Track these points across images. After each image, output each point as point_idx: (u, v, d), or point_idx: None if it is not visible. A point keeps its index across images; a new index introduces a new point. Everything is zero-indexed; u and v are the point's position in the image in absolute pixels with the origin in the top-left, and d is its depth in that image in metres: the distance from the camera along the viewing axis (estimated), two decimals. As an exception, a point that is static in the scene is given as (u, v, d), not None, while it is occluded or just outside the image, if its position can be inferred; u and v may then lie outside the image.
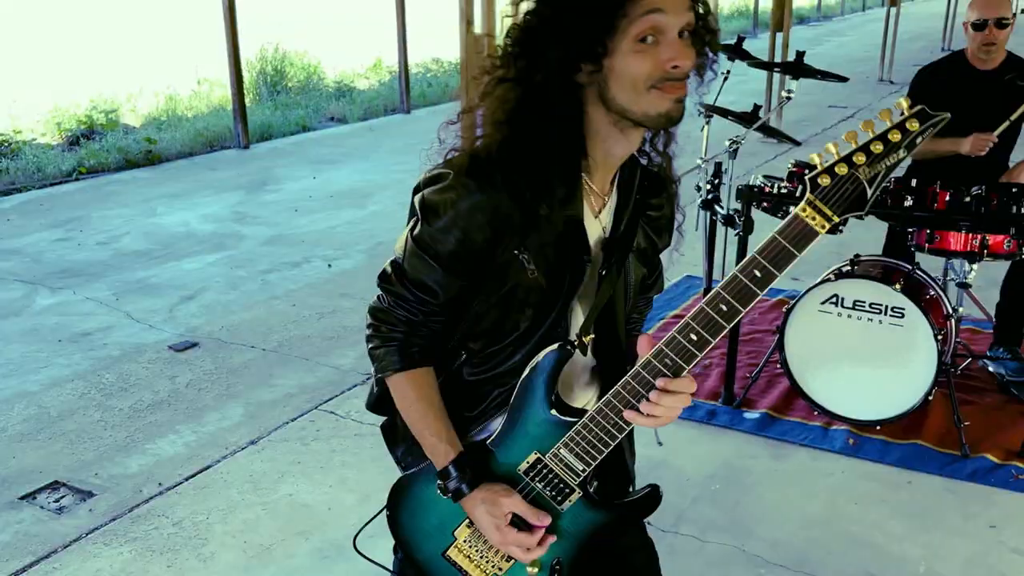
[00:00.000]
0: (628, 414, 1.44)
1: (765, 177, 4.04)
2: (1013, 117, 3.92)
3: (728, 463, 3.55)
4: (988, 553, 3.02)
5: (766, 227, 5.46)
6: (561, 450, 1.51)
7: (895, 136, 1.25)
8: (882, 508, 3.27)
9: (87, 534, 3.16)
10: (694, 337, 1.38)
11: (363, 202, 7.33)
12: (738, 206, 3.92)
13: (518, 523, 1.54)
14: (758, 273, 1.33)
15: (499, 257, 1.48)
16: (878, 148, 1.25)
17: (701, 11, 1.41)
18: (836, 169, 1.27)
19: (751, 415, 3.86)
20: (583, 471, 1.51)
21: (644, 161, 1.62)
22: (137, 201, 7.42)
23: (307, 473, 3.50)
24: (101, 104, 10.30)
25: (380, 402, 1.67)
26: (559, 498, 1.54)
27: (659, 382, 1.41)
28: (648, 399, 1.42)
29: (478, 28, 5.54)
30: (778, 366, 3.89)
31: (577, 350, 1.54)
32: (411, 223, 1.53)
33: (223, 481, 3.47)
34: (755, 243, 4.61)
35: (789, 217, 1.31)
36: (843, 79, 4.13)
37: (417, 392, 1.58)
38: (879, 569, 2.94)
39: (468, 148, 1.50)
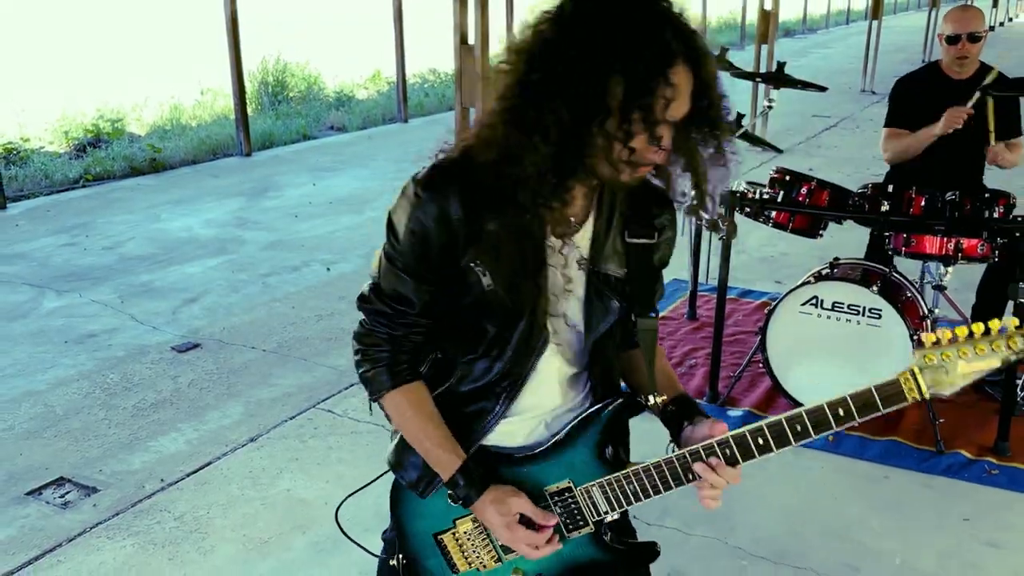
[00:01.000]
0: (701, 484, 1.51)
1: (748, 183, 4.06)
2: (987, 82, 3.89)
3: (712, 459, 3.56)
4: (962, 545, 3.04)
5: (750, 232, 5.47)
6: (594, 488, 1.56)
7: (998, 347, 1.37)
8: (860, 502, 3.29)
9: (91, 528, 3.17)
10: (760, 442, 1.48)
11: (361, 208, 7.34)
12: (722, 211, 3.94)
13: (524, 523, 1.57)
14: (841, 412, 1.45)
15: (460, 263, 1.48)
16: (982, 350, 1.37)
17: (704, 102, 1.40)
18: (944, 355, 1.39)
19: (735, 413, 3.88)
20: (605, 512, 1.56)
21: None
22: (142, 207, 7.42)
23: (305, 469, 3.51)
24: (107, 113, 10.30)
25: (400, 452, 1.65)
26: (571, 526, 1.58)
27: (718, 468, 1.49)
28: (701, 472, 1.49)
29: (471, 40, 5.57)
30: (760, 366, 3.92)
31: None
32: (384, 241, 1.55)
33: (223, 477, 3.48)
34: (738, 247, 4.58)
35: (890, 379, 1.42)
36: (822, 88, 4.16)
37: (413, 406, 1.59)
38: (857, 561, 2.96)
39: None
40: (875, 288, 3.58)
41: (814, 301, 3.68)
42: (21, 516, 3.24)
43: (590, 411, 1.59)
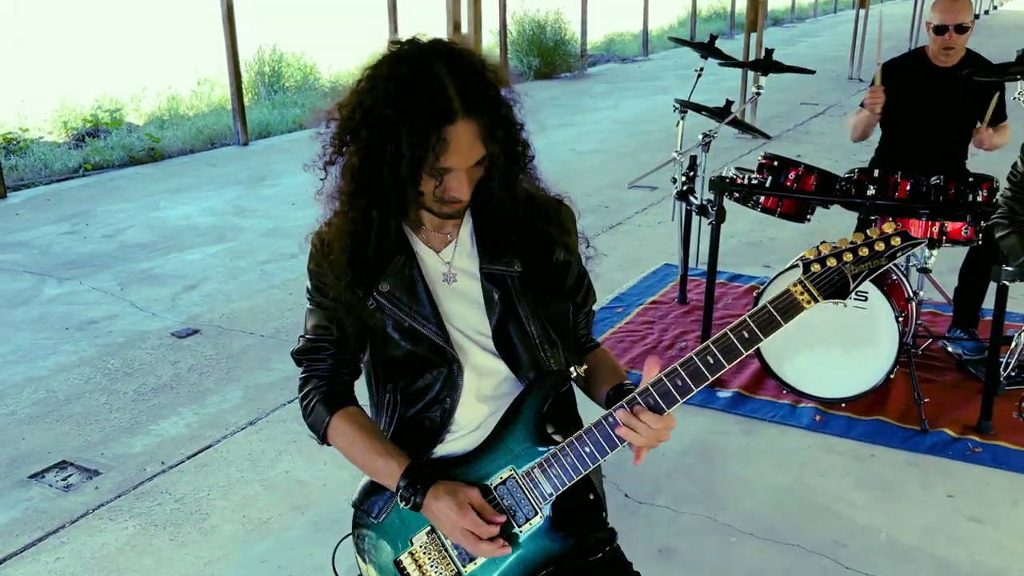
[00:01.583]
0: (622, 430, 1.50)
1: (737, 169, 4.07)
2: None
3: (702, 439, 3.58)
4: (946, 522, 3.06)
5: (739, 217, 5.48)
6: (535, 470, 1.54)
7: (879, 247, 1.45)
8: (846, 480, 3.30)
9: (93, 510, 3.17)
10: (679, 383, 1.48)
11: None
12: (711, 196, 3.95)
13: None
14: (746, 334, 1.46)
15: (354, 300, 1.62)
16: (864, 252, 1.45)
17: (495, 147, 1.52)
18: (828, 261, 1.45)
19: (724, 394, 3.89)
20: (551, 494, 1.54)
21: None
22: (141, 196, 7.40)
23: (303, 452, 3.52)
24: (105, 104, 10.25)
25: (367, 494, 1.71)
26: (521, 519, 1.55)
27: (641, 416, 1.48)
28: (626, 427, 1.49)
29: (464, 29, 5.55)
30: (749, 348, 3.93)
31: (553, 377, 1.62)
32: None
33: (223, 459, 3.49)
34: (727, 232, 4.62)
35: (782, 291, 1.46)
36: (810, 72, 4.15)
37: (352, 426, 1.65)
38: (843, 537, 2.98)
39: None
40: (861, 271, 3.58)
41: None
42: (24, 499, 3.25)
43: (517, 396, 1.60)
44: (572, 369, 1.63)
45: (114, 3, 18.88)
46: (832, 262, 1.45)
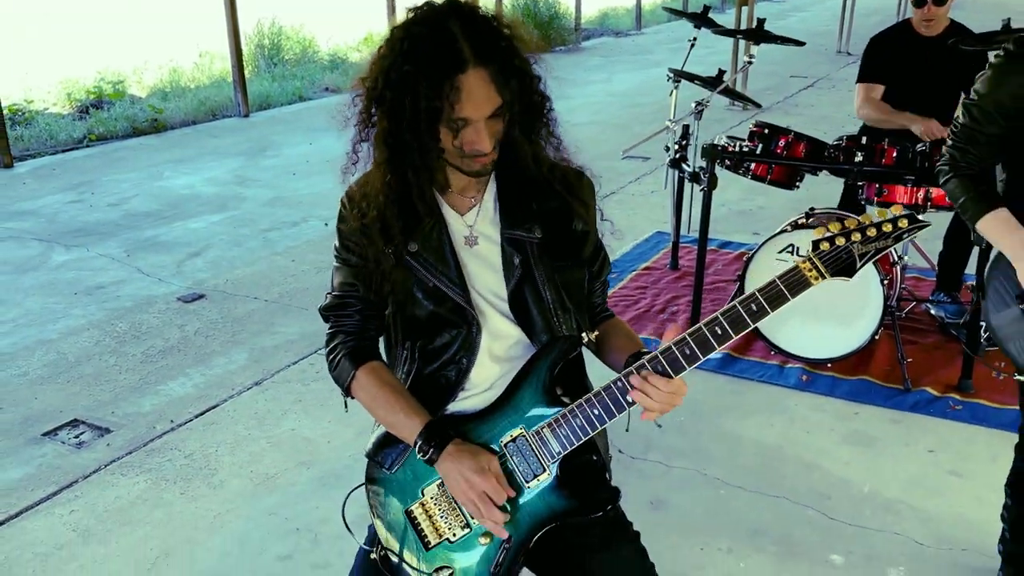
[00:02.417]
0: (634, 394, 1.51)
1: (728, 137, 4.07)
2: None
3: (693, 398, 3.58)
4: (926, 475, 3.11)
5: (729, 185, 5.48)
6: (544, 429, 1.56)
7: (887, 228, 1.47)
8: (831, 436, 3.35)
9: (106, 466, 3.20)
10: (687, 351, 1.49)
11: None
12: (703, 164, 3.95)
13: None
14: (754, 307, 1.47)
15: (381, 258, 1.63)
16: (872, 233, 1.46)
17: (509, 95, 1.52)
18: (836, 240, 1.47)
19: (714, 355, 3.91)
20: (559, 453, 1.56)
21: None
22: (144, 166, 7.37)
23: (308, 410, 3.55)
24: (108, 76, 10.16)
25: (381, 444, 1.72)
26: (529, 475, 1.57)
27: (651, 379, 1.49)
28: (639, 391, 1.51)
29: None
30: (739, 311, 3.95)
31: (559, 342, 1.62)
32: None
33: (230, 418, 3.52)
34: (718, 200, 4.62)
35: (790, 266, 1.47)
36: (800, 43, 4.15)
37: (377, 382, 1.66)
38: (828, 489, 3.02)
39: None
40: (848, 236, 3.60)
41: (790, 248, 3.71)
42: (38, 455, 3.27)
43: (530, 358, 1.61)
44: (584, 335, 1.64)
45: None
46: (841, 241, 1.47)
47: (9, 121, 7.84)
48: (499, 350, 1.66)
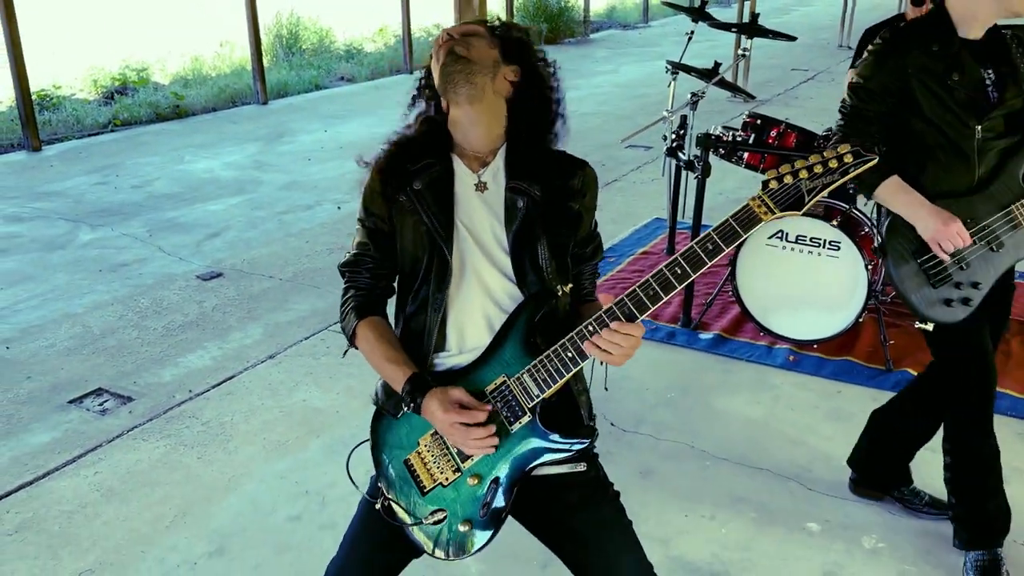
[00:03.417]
0: (587, 346, 1.58)
1: (723, 127, 4.12)
2: None
3: (684, 376, 3.69)
4: (903, 450, 3.16)
5: (726, 175, 5.50)
6: (524, 375, 1.64)
7: (833, 164, 1.51)
8: (815, 413, 3.41)
9: (128, 431, 3.30)
10: (650, 292, 1.56)
11: (369, 153, 7.34)
12: (698, 152, 4.01)
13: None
14: (710, 246, 1.54)
15: (394, 214, 1.74)
16: (818, 169, 1.51)
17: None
18: (784, 178, 1.52)
19: (705, 336, 3.99)
20: (538, 396, 1.64)
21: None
22: (167, 150, 7.45)
23: (318, 382, 3.64)
24: (133, 64, 10.24)
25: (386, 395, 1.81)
26: (512, 419, 1.65)
27: (613, 324, 1.56)
28: (592, 344, 1.58)
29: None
30: (730, 294, 4.01)
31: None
32: None
33: (245, 389, 3.61)
34: (715, 189, 4.67)
35: (741, 205, 1.52)
36: (791, 38, 4.18)
37: (375, 335, 1.74)
38: (810, 463, 3.09)
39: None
40: (835, 223, 3.66)
41: (780, 234, 3.76)
42: (65, 421, 3.37)
43: (511, 313, 1.69)
44: (558, 287, 1.72)
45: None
46: (789, 179, 1.52)
47: (37, 106, 7.93)
48: (489, 304, 1.72)
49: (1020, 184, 2.35)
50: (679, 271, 1.55)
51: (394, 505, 1.75)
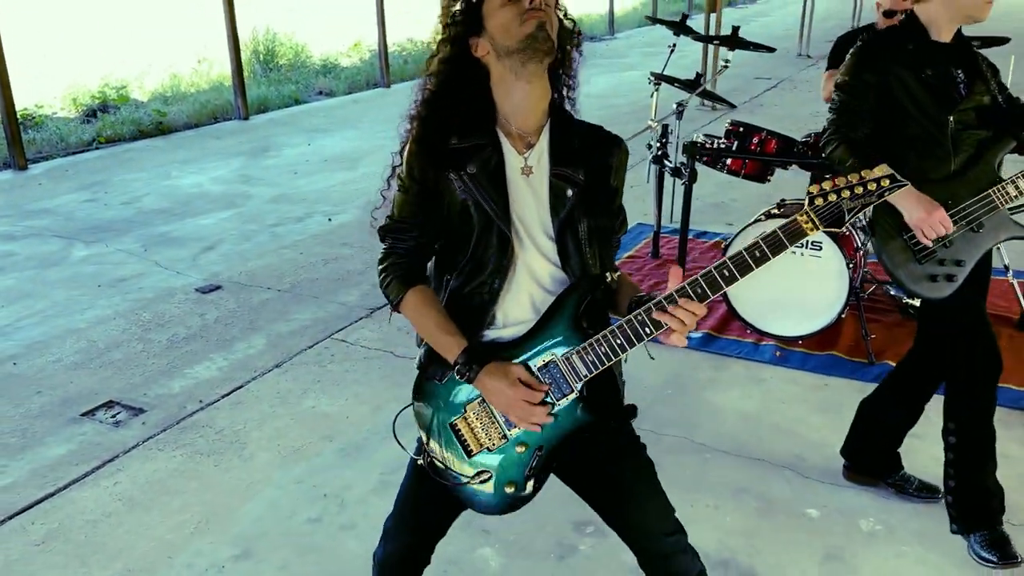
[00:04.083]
0: (662, 315, 1.64)
1: (706, 135, 4.22)
2: None
3: (677, 373, 3.77)
4: (889, 438, 3.27)
5: (704, 180, 5.59)
6: (573, 356, 1.71)
7: (872, 186, 1.61)
8: (804, 405, 3.52)
9: (143, 442, 3.31)
10: (699, 291, 1.64)
11: (354, 165, 7.39)
12: (684, 159, 4.10)
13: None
14: (758, 253, 1.62)
15: (440, 184, 1.74)
16: (859, 191, 1.60)
17: None
18: (830, 197, 1.60)
19: (695, 334, 4.08)
20: (585, 376, 1.70)
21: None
22: (153, 166, 7.41)
23: (326, 390, 3.67)
24: (112, 81, 10.16)
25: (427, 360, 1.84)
26: (559, 395, 1.72)
27: (681, 301, 1.64)
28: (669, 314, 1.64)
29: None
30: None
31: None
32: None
33: (255, 397, 3.63)
34: (693, 194, 4.73)
35: (790, 219, 1.61)
36: (771, 49, 4.30)
37: (425, 304, 1.77)
38: (803, 452, 3.19)
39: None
40: (816, 224, 3.77)
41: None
42: (79, 434, 3.37)
43: (560, 294, 1.74)
44: (607, 275, 1.79)
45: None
46: (833, 197, 1.61)
47: (21, 126, 7.84)
48: (536, 283, 1.77)
49: (995, 171, 2.53)
50: (727, 273, 1.64)
51: (438, 462, 1.82)
